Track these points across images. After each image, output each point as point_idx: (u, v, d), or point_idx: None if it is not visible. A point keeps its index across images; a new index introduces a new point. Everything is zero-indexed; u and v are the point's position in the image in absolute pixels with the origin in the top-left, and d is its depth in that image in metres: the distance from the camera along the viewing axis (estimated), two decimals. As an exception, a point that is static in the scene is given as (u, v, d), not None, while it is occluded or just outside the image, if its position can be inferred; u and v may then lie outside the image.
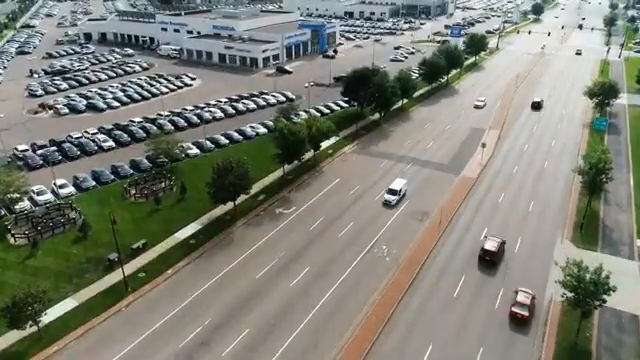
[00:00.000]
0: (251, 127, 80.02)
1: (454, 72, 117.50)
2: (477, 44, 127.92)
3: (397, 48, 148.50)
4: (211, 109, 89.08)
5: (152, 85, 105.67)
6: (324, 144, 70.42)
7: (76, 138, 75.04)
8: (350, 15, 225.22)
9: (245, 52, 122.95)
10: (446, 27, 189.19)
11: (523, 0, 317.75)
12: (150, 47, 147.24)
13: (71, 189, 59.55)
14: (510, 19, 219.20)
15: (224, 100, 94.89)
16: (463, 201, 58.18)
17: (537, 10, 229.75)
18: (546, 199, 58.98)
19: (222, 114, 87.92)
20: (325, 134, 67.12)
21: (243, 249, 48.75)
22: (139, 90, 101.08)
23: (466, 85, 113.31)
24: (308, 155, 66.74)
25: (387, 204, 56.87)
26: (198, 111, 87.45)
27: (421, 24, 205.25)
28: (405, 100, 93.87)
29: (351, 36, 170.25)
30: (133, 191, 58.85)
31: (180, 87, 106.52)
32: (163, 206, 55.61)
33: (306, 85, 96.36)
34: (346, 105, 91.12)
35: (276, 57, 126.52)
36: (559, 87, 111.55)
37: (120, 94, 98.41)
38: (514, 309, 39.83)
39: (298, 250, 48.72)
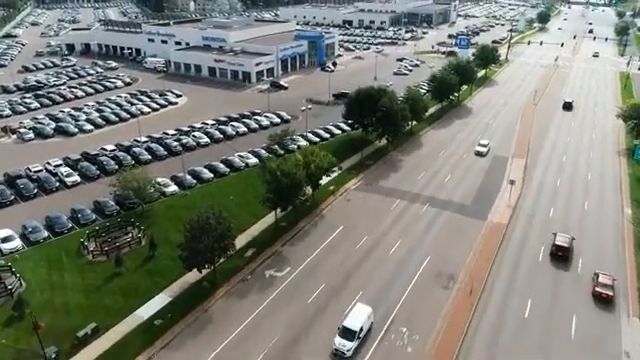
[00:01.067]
0: (240, 157, 69.46)
1: (464, 87, 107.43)
2: (488, 56, 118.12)
3: (400, 60, 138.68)
4: (196, 133, 78.57)
5: (132, 104, 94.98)
6: (324, 179, 59.90)
7: (35, 172, 64.18)
8: (349, 24, 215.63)
9: (237, 66, 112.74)
10: (450, 37, 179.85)
11: (526, 8, 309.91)
12: (136, 59, 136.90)
13: (17, 243, 48.75)
14: (516, 28, 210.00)
15: (211, 122, 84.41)
16: (495, 258, 47.70)
17: (543, 18, 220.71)
18: (596, 256, 48.41)
19: (208, 139, 77.39)
20: (326, 170, 56.76)
21: (223, 334, 37.91)
22: (117, 110, 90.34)
23: (479, 103, 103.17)
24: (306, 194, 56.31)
25: (339, 354, 35.72)
26: (182, 136, 77.02)
27: (423, 33, 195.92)
28: (414, 122, 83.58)
29: (351, 46, 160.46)
30: (92, 246, 48.06)
31: (163, 106, 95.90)
32: (126, 268, 44.79)
33: (303, 108, 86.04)
34: (348, 128, 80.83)
35: (270, 71, 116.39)
36: (582, 105, 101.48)
37: (95, 115, 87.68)
38: (597, 289, 42.10)
39: (294, 334, 38.03)
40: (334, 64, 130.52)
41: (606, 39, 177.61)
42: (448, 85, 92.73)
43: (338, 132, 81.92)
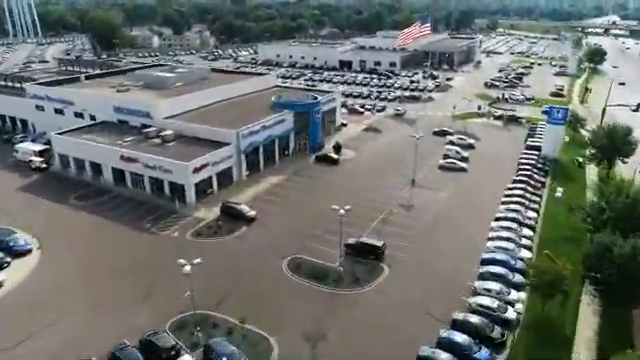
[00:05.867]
0: None
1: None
2: (621, 144, 65.85)
3: (441, 133, 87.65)
4: None
5: None
6: None
7: None
8: (348, 66, 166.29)
9: (160, 170, 60.15)
10: (488, 86, 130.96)
11: (548, 44, 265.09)
12: (12, 139, 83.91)
13: None
14: (564, 71, 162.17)
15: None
16: None
17: (596, 57, 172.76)
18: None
19: None
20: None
21: None
22: None
23: None
24: None
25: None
26: None
27: (448, 80, 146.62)
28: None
29: (357, 105, 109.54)
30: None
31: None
32: None
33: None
34: None
35: (224, 176, 64.13)
36: None
37: None
38: None
39: None
40: (337, 148, 78.65)
41: None
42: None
43: None
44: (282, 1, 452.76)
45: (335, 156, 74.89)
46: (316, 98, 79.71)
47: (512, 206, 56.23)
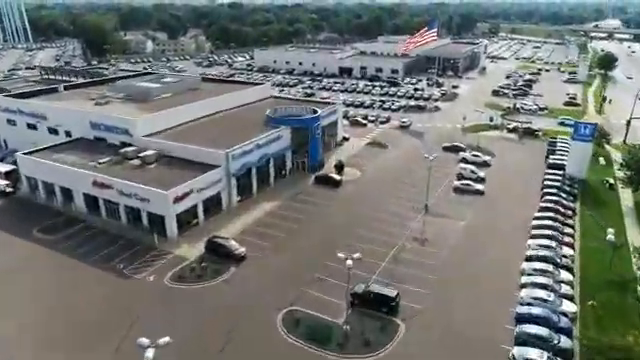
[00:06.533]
0: None
1: None
2: None
3: (453, 149, 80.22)
4: None
5: None
6: None
7: None
8: (348, 73, 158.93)
9: (137, 200, 52.30)
10: (497, 94, 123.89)
11: (552, 48, 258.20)
12: (-19, 158, 76.29)
13: None
14: (574, 78, 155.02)
15: None
16: None
17: (607, 63, 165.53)
18: None
19: None
20: None
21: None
22: None
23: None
24: None
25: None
26: None
27: (453, 87, 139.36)
28: None
29: (359, 117, 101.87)
30: None
31: None
32: None
33: None
34: None
35: (212, 202, 56.35)
36: None
37: None
38: None
39: None
40: (339, 167, 70.91)
41: None
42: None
43: None
44: (280, 5, 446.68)
45: (337, 177, 67.11)
46: (316, 112, 72.00)
47: (543, 241, 48.50)
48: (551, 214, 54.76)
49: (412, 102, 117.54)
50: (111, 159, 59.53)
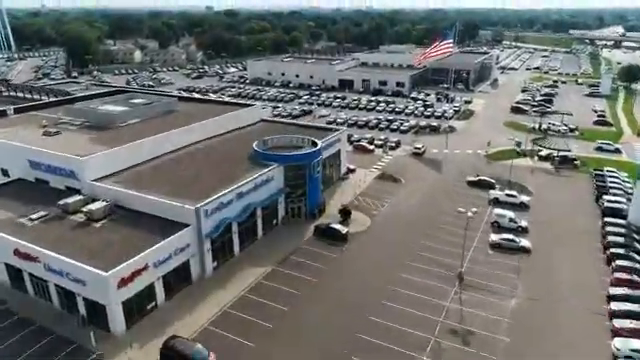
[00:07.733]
0: None
1: None
2: None
3: (480, 185, 66.30)
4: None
5: None
6: None
7: None
8: (349, 86, 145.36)
9: (70, 280, 37.92)
10: (515, 111, 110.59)
11: (562, 57, 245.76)
12: None
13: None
14: (597, 91, 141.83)
15: None
16: None
17: (633, 76, 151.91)
18: None
19: None
20: None
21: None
22: None
23: None
24: None
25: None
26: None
27: (467, 102, 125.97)
28: None
29: (364, 142, 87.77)
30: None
31: None
32: None
33: None
34: None
35: (179, 275, 42.16)
36: None
37: None
38: None
39: None
40: (345, 213, 56.82)
41: None
42: None
43: None
44: (276, 12, 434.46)
45: (342, 230, 52.88)
46: (315, 144, 58.02)
47: (634, 343, 34.50)
48: (629, 291, 40.83)
49: (423, 121, 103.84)
50: (48, 214, 45.40)
